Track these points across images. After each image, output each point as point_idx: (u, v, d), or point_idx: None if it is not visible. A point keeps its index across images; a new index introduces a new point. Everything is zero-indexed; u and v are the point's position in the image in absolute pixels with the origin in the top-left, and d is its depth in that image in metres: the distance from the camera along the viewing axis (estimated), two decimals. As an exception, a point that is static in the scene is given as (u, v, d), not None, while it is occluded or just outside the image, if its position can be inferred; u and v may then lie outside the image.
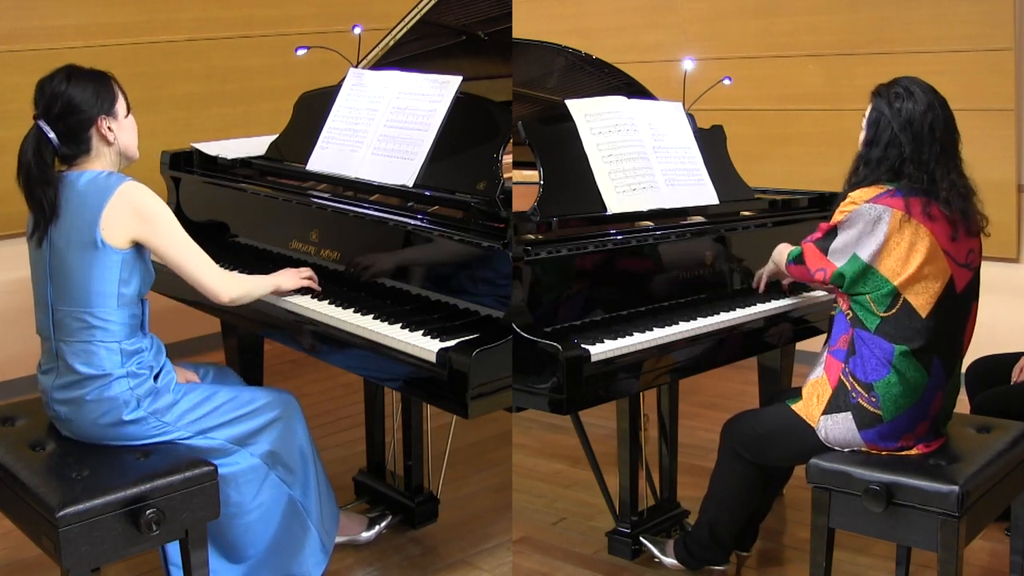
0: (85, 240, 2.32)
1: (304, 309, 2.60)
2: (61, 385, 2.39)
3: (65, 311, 2.36)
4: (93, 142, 2.39)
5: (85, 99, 2.36)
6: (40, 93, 2.38)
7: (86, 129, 2.37)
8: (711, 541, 2.73)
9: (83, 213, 2.32)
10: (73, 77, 2.37)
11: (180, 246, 2.40)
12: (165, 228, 2.38)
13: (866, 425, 2.40)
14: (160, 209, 2.38)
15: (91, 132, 2.38)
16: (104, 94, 2.39)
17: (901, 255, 2.35)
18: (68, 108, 2.35)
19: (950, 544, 2.23)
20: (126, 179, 2.37)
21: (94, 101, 2.37)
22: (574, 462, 3.72)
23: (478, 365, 2.17)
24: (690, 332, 2.57)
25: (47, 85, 2.38)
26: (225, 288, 2.47)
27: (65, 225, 2.34)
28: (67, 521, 2.11)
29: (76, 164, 2.40)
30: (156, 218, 2.36)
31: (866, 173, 2.44)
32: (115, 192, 2.32)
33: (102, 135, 2.39)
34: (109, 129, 2.39)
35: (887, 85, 2.46)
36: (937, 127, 2.38)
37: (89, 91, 2.37)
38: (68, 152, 2.38)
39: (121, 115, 2.43)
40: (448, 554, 3.01)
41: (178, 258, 2.40)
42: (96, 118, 2.37)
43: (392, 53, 3.29)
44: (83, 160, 2.40)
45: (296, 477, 2.58)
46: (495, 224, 2.42)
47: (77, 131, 2.37)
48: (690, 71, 3.54)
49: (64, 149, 2.37)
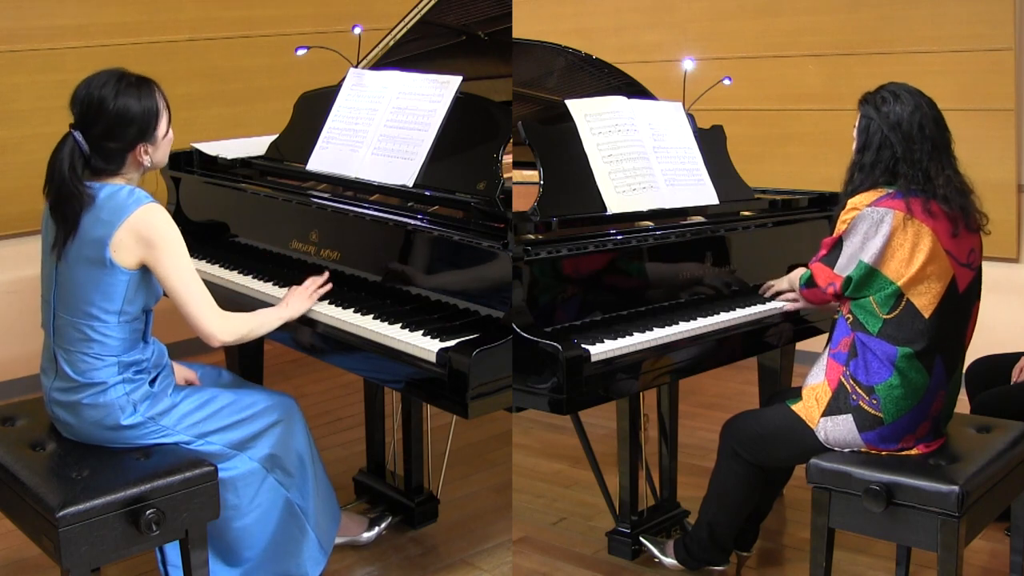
0: (94, 256, 2.27)
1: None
2: (58, 388, 2.38)
3: (66, 319, 2.34)
4: (127, 164, 2.32)
5: (129, 123, 2.27)
6: (83, 101, 2.28)
7: (124, 153, 2.30)
8: (711, 541, 2.73)
9: (96, 228, 2.27)
10: (121, 94, 2.26)
11: (182, 278, 2.32)
12: (169, 256, 2.30)
13: (867, 427, 2.40)
14: (169, 236, 2.30)
15: (127, 156, 2.31)
16: (149, 117, 2.29)
17: (905, 256, 2.35)
18: (110, 131, 2.27)
19: (950, 544, 2.23)
20: (144, 201, 2.29)
21: (137, 126, 2.28)
22: (574, 462, 3.72)
23: (478, 365, 2.17)
24: (690, 332, 2.57)
25: (92, 95, 2.27)
26: (219, 331, 2.37)
27: (77, 237, 2.29)
28: (67, 521, 2.11)
29: (99, 176, 2.33)
30: (163, 244, 2.28)
31: (862, 178, 2.44)
32: (131, 215, 2.26)
33: (137, 160, 2.32)
34: (145, 153, 2.32)
35: (872, 92, 2.48)
36: (927, 125, 2.39)
37: (134, 113, 2.27)
38: (98, 166, 2.30)
39: (161, 136, 2.34)
40: (448, 554, 3.01)
41: (177, 289, 2.32)
42: (136, 145, 2.30)
43: (392, 53, 3.29)
44: (108, 175, 2.33)
45: (294, 480, 2.58)
46: (495, 224, 2.42)
47: (113, 153, 2.30)
48: (690, 71, 3.54)
49: (96, 163, 2.29)
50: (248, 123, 4.40)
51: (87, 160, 2.29)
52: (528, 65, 3.29)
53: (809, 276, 2.54)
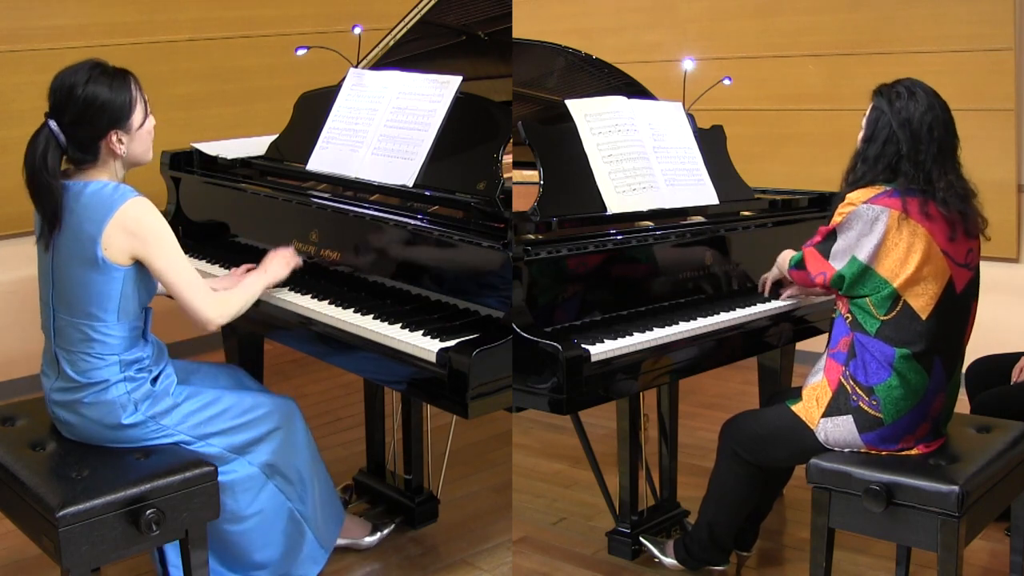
0: (87, 256, 2.27)
1: (304, 309, 2.60)
2: (59, 388, 2.38)
3: (66, 319, 2.34)
4: (101, 153, 2.32)
5: (99, 109, 2.26)
6: (55, 90, 2.28)
7: (96, 141, 2.30)
8: (710, 541, 2.73)
9: (85, 227, 2.27)
10: (92, 81, 2.26)
11: (174, 267, 2.33)
12: (160, 247, 2.31)
13: (867, 428, 2.40)
14: (157, 228, 2.30)
15: (100, 144, 2.30)
16: (120, 104, 2.29)
17: (900, 255, 2.35)
18: (80, 117, 2.26)
19: (950, 544, 2.23)
20: (129, 196, 2.29)
21: (108, 113, 2.27)
22: (574, 462, 3.72)
23: (478, 365, 2.17)
24: (690, 332, 2.57)
25: (63, 82, 2.27)
26: (217, 316, 2.40)
27: (68, 236, 2.29)
28: (67, 521, 2.11)
29: (82, 170, 2.33)
30: (152, 237, 2.29)
31: (864, 170, 2.44)
32: (118, 210, 2.26)
33: (111, 148, 2.31)
34: (119, 142, 2.31)
35: (889, 85, 2.46)
36: (936, 128, 2.38)
37: (104, 100, 2.27)
38: (75, 156, 2.31)
39: (135, 126, 2.33)
40: (448, 554, 3.01)
41: (171, 280, 2.33)
42: (107, 132, 2.29)
43: (392, 53, 3.29)
44: (89, 167, 2.33)
45: (294, 487, 2.58)
46: (495, 224, 2.42)
47: (86, 141, 2.30)
48: (690, 71, 3.54)
49: (72, 152, 2.30)
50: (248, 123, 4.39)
51: (64, 151, 2.29)
52: (528, 65, 3.29)
53: (800, 258, 2.53)
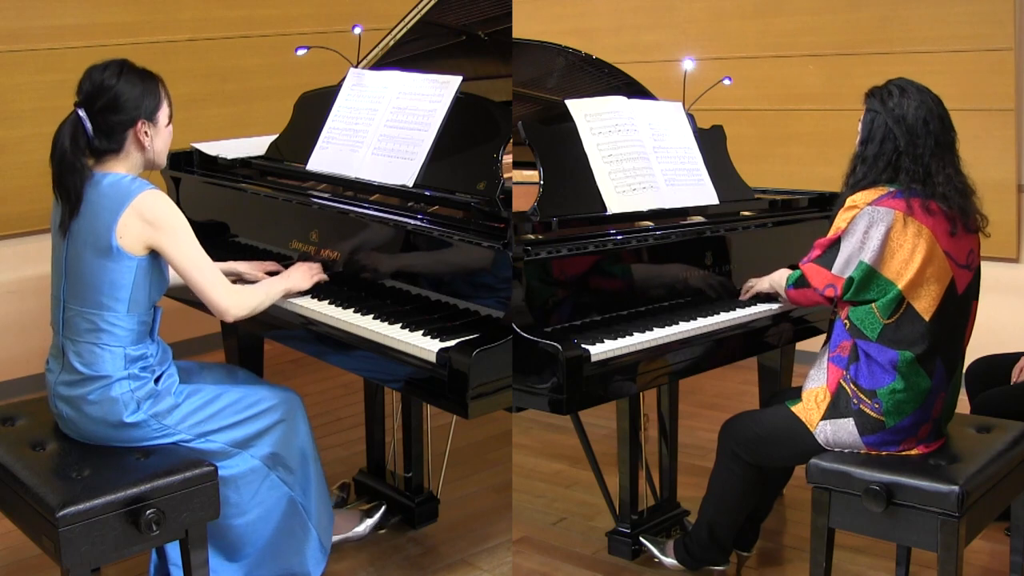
0: (102, 244, 2.31)
1: (304, 309, 2.60)
2: (64, 382, 2.39)
3: (76, 310, 2.36)
4: (127, 143, 2.37)
5: (131, 99, 2.34)
6: (87, 81, 2.35)
7: (124, 129, 2.35)
8: (710, 541, 2.73)
9: (102, 216, 2.31)
10: (124, 73, 2.35)
11: (192, 257, 2.37)
12: (175, 236, 2.35)
13: (868, 430, 2.40)
14: (174, 218, 2.35)
15: (128, 133, 2.36)
16: (150, 98, 2.37)
17: (904, 256, 2.35)
18: (112, 104, 2.32)
19: (950, 544, 2.23)
20: (146, 187, 2.34)
21: (139, 103, 2.35)
22: (574, 462, 3.72)
23: (478, 365, 2.17)
24: (690, 332, 2.57)
25: (96, 74, 2.34)
26: (233, 306, 2.44)
27: (84, 225, 2.33)
28: (67, 521, 2.11)
29: (103, 161, 2.37)
30: (169, 227, 2.34)
31: (864, 172, 2.44)
32: (134, 199, 2.30)
33: (138, 139, 2.37)
34: (146, 134, 2.37)
35: (880, 86, 2.47)
36: (931, 121, 2.39)
37: (137, 91, 2.35)
38: (99, 147, 2.35)
39: (162, 123, 2.41)
40: (448, 554, 3.01)
41: (187, 268, 2.37)
42: (137, 120, 2.35)
43: (392, 53, 3.29)
44: (111, 159, 2.37)
45: (296, 478, 2.58)
46: (495, 224, 2.43)
47: (115, 129, 2.34)
48: (690, 71, 3.54)
49: (96, 143, 2.34)
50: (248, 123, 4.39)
51: (89, 141, 2.33)
52: (528, 65, 3.29)
53: (799, 276, 2.52)
